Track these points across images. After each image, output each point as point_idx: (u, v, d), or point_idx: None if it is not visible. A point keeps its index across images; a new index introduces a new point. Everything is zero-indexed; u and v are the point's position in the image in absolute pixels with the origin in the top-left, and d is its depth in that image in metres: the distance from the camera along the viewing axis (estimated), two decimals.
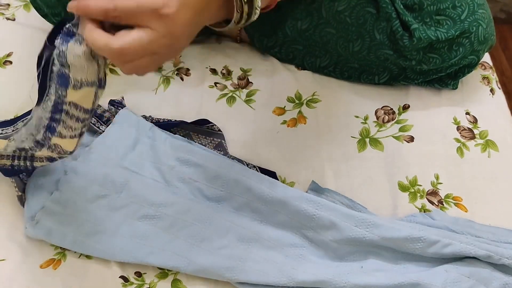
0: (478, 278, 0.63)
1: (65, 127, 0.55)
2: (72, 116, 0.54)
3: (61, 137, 0.56)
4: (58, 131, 0.55)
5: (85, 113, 0.54)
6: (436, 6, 0.77)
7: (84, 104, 0.53)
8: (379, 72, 0.82)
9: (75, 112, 0.54)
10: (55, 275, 0.64)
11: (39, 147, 0.58)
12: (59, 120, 0.55)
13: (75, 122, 0.55)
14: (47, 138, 0.56)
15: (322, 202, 0.67)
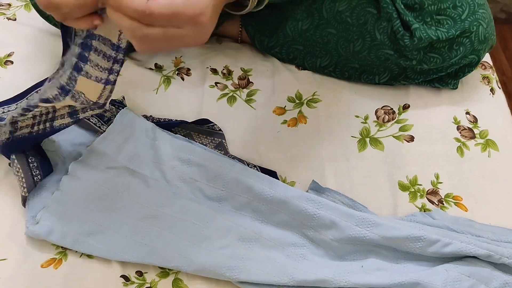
0: (478, 278, 0.63)
1: (92, 66, 0.55)
2: (100, 52, 0.54)
3: (88, 77, 0.56)
4: (85, 70, 0.55)
5: (111, 49, 0.54)
6: (436, 6, 0.78)
7: (111, 37, 0.54)
8: (380, 72, 0.82)
9: (102, 47, 0.54)
10: (56, 275, 0.65)
11: (63, 94, 0.57)
12: (86, 58, 0.55)
13: (102, 59, 0.55)
14: (73, 80, 0.56)
15: (322, 202, 0.67)
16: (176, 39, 0.49)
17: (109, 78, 0.57)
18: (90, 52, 0.54)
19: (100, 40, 0.54)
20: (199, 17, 0.47)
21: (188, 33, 0.49)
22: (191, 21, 0.47)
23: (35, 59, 0.86)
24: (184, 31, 0.48)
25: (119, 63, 0.57)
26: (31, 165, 0.68)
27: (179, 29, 0.48)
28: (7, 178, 0.71)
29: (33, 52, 0.87)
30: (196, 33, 0.49)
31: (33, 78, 0.84)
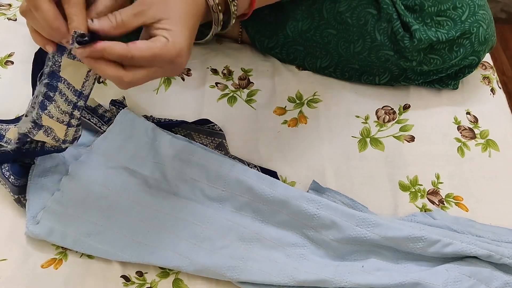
0: (479, 278, 0.63)
1: (55, 106, 0.57)
2: (63, 95, 0.57)
3: (50, 117, 0.58)
4: (49, 109, 0.58)
5: (74, 95, 0.57)
6: (436, 7, 0.77)
7: (74, 83, 0.56)
8: (380, 73, 0.82)
9: (66, 91, 0.56)
10: (56, 275, 0.65)
11: (36, 129, 0.59)
12: (51, 98, 0.57)
13: (64, 103, 0.57)
14: (39, 117, 0.58)
15: (323, 202, 0.67)
16: (156, 76, 0.53)
17: (71, 121, 0.59)
18: (55, 93, 0.57)
19: (65, 83, 0.56)
20: (177, 59, 0.51)
21: (167, 70, 0.53)
22: (169, 63, 0.51)
23: None
24: (163, 69, 0.52)
25: (80, 109, 0.59)
26: (3, 170, 0.68)
27: (159, 68, 0.52)
28: None
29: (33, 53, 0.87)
30: (174, 69, 0.53)
31: None
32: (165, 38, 0.51)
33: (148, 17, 0.51)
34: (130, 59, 0.50)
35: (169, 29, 0.51)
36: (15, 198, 0.69)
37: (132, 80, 0.51)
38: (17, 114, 0.78)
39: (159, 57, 0.50)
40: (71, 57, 0.53)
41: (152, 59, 0.50)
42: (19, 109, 0.79)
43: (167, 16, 0.52)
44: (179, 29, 0.52)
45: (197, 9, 0.54)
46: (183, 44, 0.51)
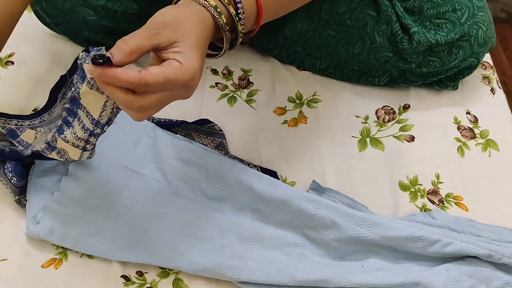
0: (479, 277, 0.63)
1: (71, 132, 0.57)
2: (81, 122, 0.56)
3: (66, 142, 0.58)
4: (65, 134, 0.58)
5: (91, 123, 0.56)
6: (436, 10, 0.77)
7: (93, 112, 0.55)
8: (379, 75, 0.82)
9: (84, 118, 0.56)
10: (56, 275, 0.65)
11: (50, 149, 0.60)
12: (69, 123, 0.57)
13: (81, 130, 0.57)
14: (55, 140, 0.59)
15: (323, 202, 0.67)
16: (168, 101, 0.52)
17: (86, 146, 0.59)
18: (74, 119, 0.57)
19: (84, 111, 0.56)
20: (191, 82, 0.50)
21: (179, 94, 0.52)
22: (182, 86, 0.50)
23: (35, 59, 0.87)
24: (175, 92, 0.51)
25: (96, 136, 0.59)
26: (6, 171, 0.68)
27: (170, 92, 0.51)
28: None
29: (34, 53, 0.88)
30: (187, 92, 0.52)
31: (34, 78, 0.84)
32: (177, 62, 0.49)
33: (162, 40, 0.50)
34: (143, 86, 0.48)
35: (181, 52, 0.50)
36: (16, 199, 0.69)
37: (143, 105, 0.50)
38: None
39: (172, 82, 0.49)
40: (90, 86, 0.52)
41: (165, 84, 0.49)
42: (19, 109, 0.79)
43: (181, 38, 0.50)
44: (192, 52, 0.50)
45: (207, 30, 0.53)
46: (196, 67, 0.50)
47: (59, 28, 0.84)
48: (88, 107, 0.55)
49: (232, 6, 0.54)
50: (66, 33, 0.85)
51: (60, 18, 0.82)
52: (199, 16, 0.53)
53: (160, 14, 0.52)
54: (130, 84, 0.48)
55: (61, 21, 0.82)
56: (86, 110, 0.55)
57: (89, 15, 0.79)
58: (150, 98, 0.50)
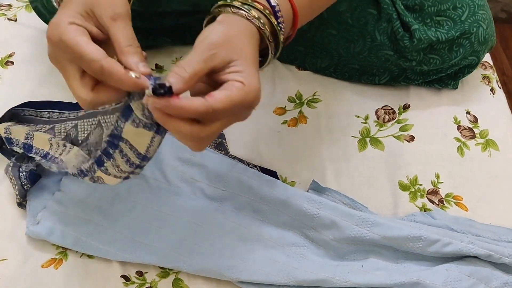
0: (478, 277, 0.63)
1: (113, 165, 0.53)
2: (124, 156, 0.52)
3: (106, 174, 0.54)
4: (106, 167, 0.54)
5: (137, 157, 0.52)
6: (436, 7, 0.77)
7: (138, 147, 0.51)
8: (380, 73, 0.82)
9: (128, 151, 0.51)
10: (56, 275, 0.65)
11: (82, 175, 0.56)
12: (110, 155, 0.53)
13: (125, 164, 0.53)
14: (92, 170, 0.55)
15: (323, 202, 0.67)
16: (229, 125, 0.49)
17: (129, 176, 0.55)
18: (115, 151, 0.52)
19: (127, 144, 0.51)
20: (254, 102, 0.47)
21: (241, 115, 0.49)
22: (248, 107, 0.48)
23: (35, 59, 0.87)
24: (238, 115, 0.48)
25: (142, 168, 0.54)
26: (20, 174, 0.68)
27: (234, 115, 0.48)
28: (7, 180, 0.71)
29: (34, 53, 0.87)
30: (248, 113, 0.49)
31: (34, 78, 0.84)
32: (239, 83, 0.46)
33: (219, 61, 0.47)
34: (211, 114, 0.45)
35: (240, 71, 0.47)
36: (19, 201, 0.69)
37: (208, 135, 0.47)
38: None
39: (239, 104, 0.46)
40: (135, 124, 0.49)
41: (232, 108, 0.46)
42: None
43: (237, 57, 0.48)
44: (251, 70, 0.48)
45: (257, 44, 0.51)
46: (258, 86, 0.47)
47: None
48: (133, 142, 0.51)
49: (273, 16, 0.52)
50: None
51: None
52: (247, 31, 0.50)
53: (209, 34, 0.48)
54: (197, 114, 0.44)
55: None
56: (130, 143, 0.51)
57: None
58: (215, 126, 0.47)
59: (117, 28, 0.49)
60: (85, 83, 0.48)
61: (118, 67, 0.46)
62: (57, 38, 0.47)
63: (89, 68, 0.47)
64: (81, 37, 0.47)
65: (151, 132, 0.49)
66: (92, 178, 0.56)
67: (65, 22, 0.48)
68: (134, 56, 0.48)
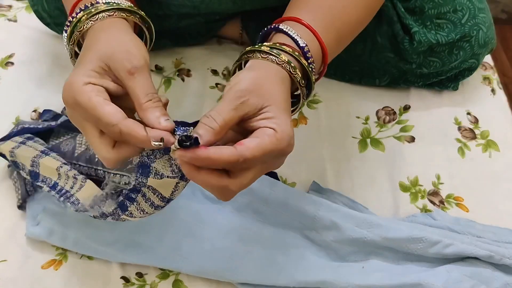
0: (479, 278, 0.63)
1: (137, 209, 0.52)
2: (148, 200, 0.51)
3: (131, 217, 0.53)
4: (130, 211, 0.52)
5: (162, 201, 0.51)
6: (437, 10, 0.77)
7: (163, 191, 0.50)
8: (380, 75, 0.82)
9: (152, 196, 0.50)
10: (56, 276, 0.65)
11: (104, 217, 0.55)
12: (133, 200, 0.51)
13: (149, 207, 0.51)
14: (116, 214, 0.54)
15: (323, 203, 0.67)
16: (262, 174, 0.47)
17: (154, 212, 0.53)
18: (138, 195, 0.51)
19: (150, 189, 0.50)
20: (287, 149, 0.45)
21: (274, 164, 0.47)
22: (280, 155, 0.46)
23: (36, 60, 0.87)
24: (271, 163, 0.46)
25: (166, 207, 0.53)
26: (26, 180, 0.68)
27: (267, 164, 0.46)
28: (6, 180, 0.71)
29: (34, 54, 0.88)
30: (280, 161, 0.47)
31: (34, 79, 0.84)
32: (271, 130, 0.44)
33: (249, 109, 0.45)
34: (241, 163, 0.43)
35: (272, 118, 0.45)
36: (20, 204, 0.69)
37: (239, 187, 0.45)
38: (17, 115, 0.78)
39: (271, 152, 0.44)
40: (158, 177, 0.48)
41: (264, 157, 0.43)
42: (19, 110, 0.79)
43: (268, 102, 0.45)
44: (283, 116, 0.46)
45: (288, 88, 0.49)
46: (291, 133, 0.45)
47: (60, 29, 0.84)
48: (157, 187, 0.49)
49: (303, 58, 0.50)
50: None
51: (61, 18, 0.81)
52: (278, 76, 0.49)
53: (238, 81, 0.47)
54: (227, 164, 0.42)
55: (62, 21, 0.82)
56: (153, 188, 0.49)
57: None
58: (247, 177, 0.45)
59: (135, 82, 0.46)
60: (105, 141, 0.46)
61: (137, 129, 0.44)
62: (72, 100, 0.46)
63: (107, 131, 0.45)
64: (97, 98, 0.45)
65: (176, 179, 0.48)
66: (115, 219, 0.55)
67: (80, 82, 0.46)
68: (154, 111, 0.45)
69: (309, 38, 0.52)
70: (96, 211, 0.55)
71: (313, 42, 0.52)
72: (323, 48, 0.54)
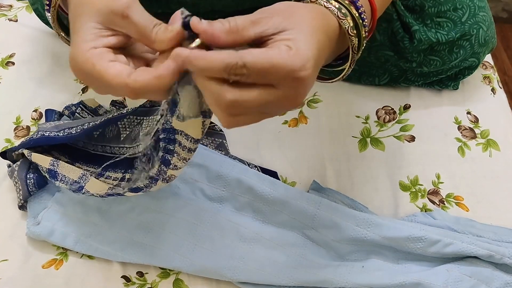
0: (479, 278, 0.63)
1: (179, 159, 0.52)
2: (184, 147, 0.51)
3: (176, 169, 0.54)
4: (173, 163, 0.53)
5: (194, 143, 0.51)
6: (437, 8, 0.77)
7: (193, 134, 0.50)
8: (379, 74, 0.82)
9: (185, 141, 0.50)
10: (57, 276, 0.65)
11: (154, 182, 0.55)
12: (173, 151, 0.51)
13: (188, 153, 0.52)
14: (163, 172, 0.54)
15: (323, 202, 0.67)
16: (270, 104, 0.41)
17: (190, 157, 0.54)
18: (175, 145, 0.51)
19: (182, 134, 0.50)
20: (300, 72, 0.40)
21: (285, 94, 0.41)
22: (290, 77, 0.39)
23: (36, 60, 0.87)
24: (281, 91, 0.40)
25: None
26: (28, 181, 0.68)
27: (275, 89, 0.40)
28: (7, 180, 0.71)
29: (35, 53, 0.88)
30: (294, 93, 0.41)
31: (34, 79, 0.84)
32: (286, 46, 0.40)
33: (268, 26, 0.41)
34: (240, 68, 0.38)
35: (292, 39, 0.40)
36: (21, 204, 0.69)
37: (237, 100, 0.39)
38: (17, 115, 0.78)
39: (279, 68, 0.39)
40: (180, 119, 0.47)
41: (268, 71, 0.39)
42: (19, 110, 0.79)
43: (292, 26, 0.41)
44: (306, 39, 0.41)
45: (327, 27, 0.45)
46: (309, 54, 0.40)
47: None
48: (187, 131, 0.49)
49: (353, 7, 0.47)
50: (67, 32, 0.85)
51: None
52: (319, 11, 0.45)
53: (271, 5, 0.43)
54: (224, 65, 0.38)
55: None
56: (185, 133, 0.49)
57: None
58: (249, 93, 0.39)
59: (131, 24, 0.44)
60: None
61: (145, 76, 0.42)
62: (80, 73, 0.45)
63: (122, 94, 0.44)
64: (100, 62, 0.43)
65: (200, 118, 0.47)
66: (165, 180, 0.55)
67: (80, 52, 0.44)
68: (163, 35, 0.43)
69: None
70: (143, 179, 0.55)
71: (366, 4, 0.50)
72: (371, 3, 0.51)
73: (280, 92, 0.40)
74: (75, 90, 0.82)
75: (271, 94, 0.40)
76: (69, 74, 0.84)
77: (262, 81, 0.40)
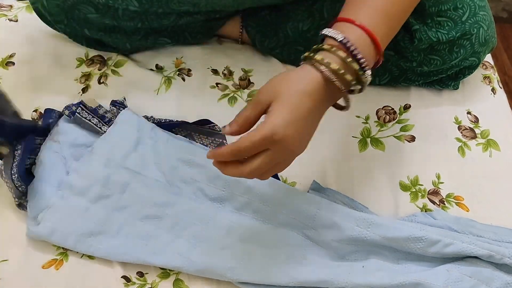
0: (479, 278, 0.63)
1: None
2: None
3: None
4: None
5: None
6: (437, 7, 0.77)
7: None
8: (380, 74, 0.82)
9: None
10: (57, 276, 0.65)
11: None
12: None
13: None
14: None
15: (323, 202, 0.67)
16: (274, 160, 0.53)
17: None
18: None
19: None
20: (273, 137, 0.50)
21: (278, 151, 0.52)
22: (269, 142, 0.51)
23: (36, 60, 0.87)
24: (273, 151, 0.52)
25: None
26: (13, 176, 0.68)
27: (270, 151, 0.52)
28: None
29: (35, 54, 0.87)
30: (283, 148, 0.52)
31: (35, 79, 0.84)
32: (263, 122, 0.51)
33: (262, 104, 0.53)
34: (239, 152, 0.51)
35: (270, 111, 0.52)
36: (17, 203, 0.69)
37: (251, 171, 0.53)
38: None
39: (261, 140, 0.51)
40: None
41: (254, 145, 0.51)
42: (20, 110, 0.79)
43: (273, 98, 0.52)
44: (279, 108, 0.51)
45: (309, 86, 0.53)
46: (275, 122, 0.51)
47: (60, 26, 0.84)
48: None
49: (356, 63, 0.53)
50: (67, 31, 0.85)
51: (61, 16, 0.81)
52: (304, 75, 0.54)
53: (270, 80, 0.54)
54: (230, 156, 0.52)
55: (62, 19, 0.82)
56: None
57: (90, 13, 0.79)
58: (255, 162, 0.52)
59: None
60: None
61: None
62: None
63: None
64: None
65: None
66: None
67: None
68: None
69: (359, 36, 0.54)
70: None
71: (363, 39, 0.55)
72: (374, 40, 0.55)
73: (270, 153, 0.52)
74: (75, 90, 0.82)
75: (268, 155, 0.52)
76: (69, 74, 0.84)
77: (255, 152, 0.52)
